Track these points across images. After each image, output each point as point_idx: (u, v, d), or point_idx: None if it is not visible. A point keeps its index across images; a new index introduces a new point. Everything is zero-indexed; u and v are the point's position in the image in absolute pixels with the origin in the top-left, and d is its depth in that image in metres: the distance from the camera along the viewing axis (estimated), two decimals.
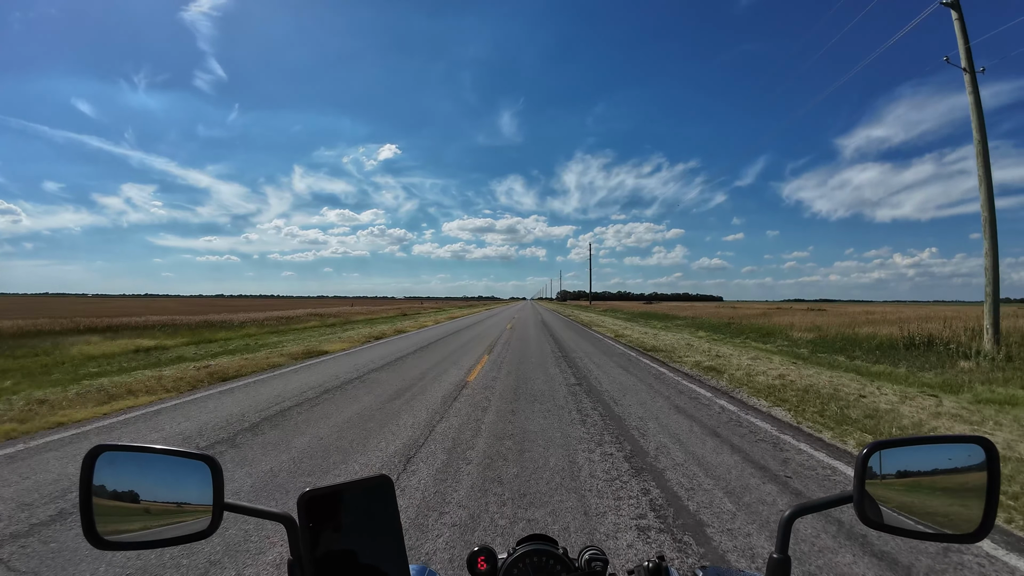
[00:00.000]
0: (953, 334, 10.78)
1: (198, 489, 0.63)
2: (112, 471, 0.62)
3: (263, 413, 5.25)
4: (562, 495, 3.07)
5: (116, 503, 0.62)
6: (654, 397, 6.29)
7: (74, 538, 2.46)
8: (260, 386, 6.98)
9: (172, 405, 5.72)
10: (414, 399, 5.95)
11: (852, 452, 4.02)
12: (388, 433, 4.48)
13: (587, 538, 2.49)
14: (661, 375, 8.29)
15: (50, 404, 5.63)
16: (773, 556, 0.63)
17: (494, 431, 4.54)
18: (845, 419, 4.99)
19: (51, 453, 3.94)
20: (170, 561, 2.25)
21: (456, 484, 3.23)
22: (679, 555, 2.36)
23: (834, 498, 0.63)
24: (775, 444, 4.23)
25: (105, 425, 4.89)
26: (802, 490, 3.21)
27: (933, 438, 0.66)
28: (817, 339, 13.69)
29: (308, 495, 0.58)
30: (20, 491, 3.12)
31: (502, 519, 2.72)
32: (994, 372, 7.93)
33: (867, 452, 0.64)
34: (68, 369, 8.73)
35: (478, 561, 0.72)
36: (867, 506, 0.63)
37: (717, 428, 4.76)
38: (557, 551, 0.74)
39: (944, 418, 5.08)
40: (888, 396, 6.15)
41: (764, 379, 7.49)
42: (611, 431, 4.58)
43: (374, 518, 0.60)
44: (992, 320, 9.50)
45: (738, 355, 10.71)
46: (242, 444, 4.14)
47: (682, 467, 3.62)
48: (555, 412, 5.30)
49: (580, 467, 3.59)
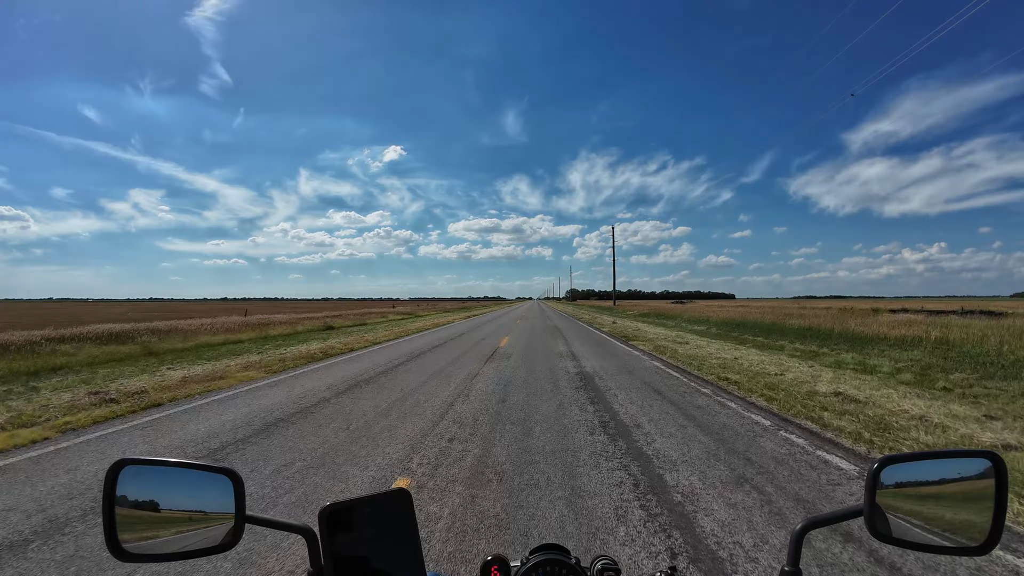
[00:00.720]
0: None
1: (219, 502, 0.64)
2: (135, 484, 0.63)
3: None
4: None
5: (139, 515, 0.63)
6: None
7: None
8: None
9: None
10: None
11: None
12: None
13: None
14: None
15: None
16: (785, 569, 0.64)
17: None
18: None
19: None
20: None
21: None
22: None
23: (845, 511, 0.65)
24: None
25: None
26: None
27: (942, 453, 0.67)
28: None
29: (329, 508, 0.58)
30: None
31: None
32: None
33: (878, 467, 0.65)
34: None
35: (491, 570, 0.72)
36: (877, 519, 0.64)
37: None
38: (570, 560, 0.74)
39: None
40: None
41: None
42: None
43: (393, 531, 0.61)
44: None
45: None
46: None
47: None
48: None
49: None
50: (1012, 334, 10.24)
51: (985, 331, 11.02)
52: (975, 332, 10.93)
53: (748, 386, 7.02)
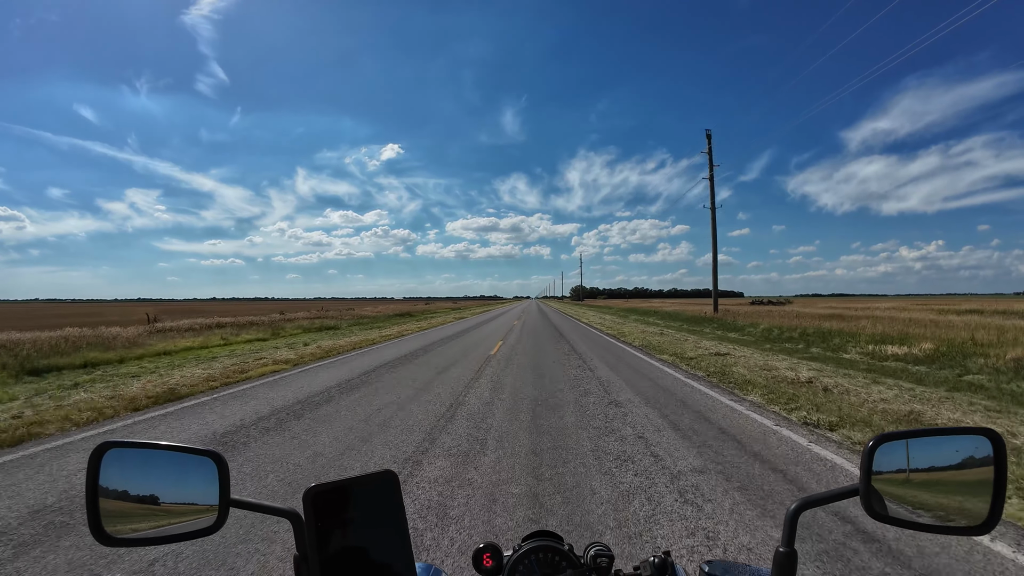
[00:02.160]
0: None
1: (204, 486, 0.63)
2: (119, 468, 0.62)
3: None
4: None
5: (122, 500, 0.62)
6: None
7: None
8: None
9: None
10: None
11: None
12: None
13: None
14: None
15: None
16: (780, 550, 0.63)
17: None
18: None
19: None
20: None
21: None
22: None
23: (840, 491, 0.63)
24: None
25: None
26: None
27: (939, 430, 0.65)
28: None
29: (314, 490, 0.57)
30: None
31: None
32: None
33: (873, 445, 0.63)
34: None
35: (483, 558, 0.71)
36: (873, 499, 0.63)
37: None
38: (563, 547, 0.73)
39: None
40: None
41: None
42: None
43: (380, 513, 0.60)
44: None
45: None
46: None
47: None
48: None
49: None
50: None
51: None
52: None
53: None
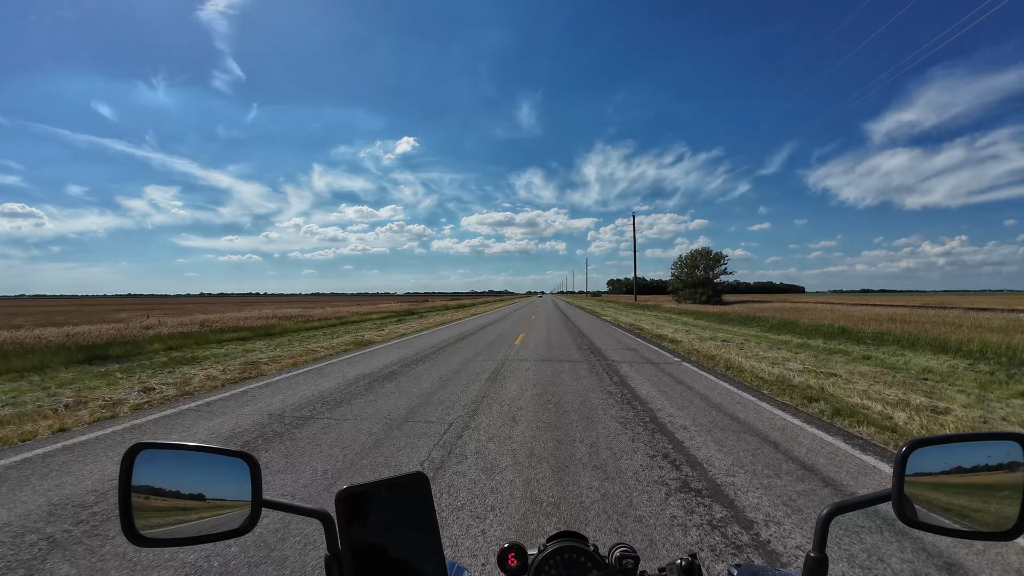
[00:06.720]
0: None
1: (236, 486, 0.63)
2: (151, 469, 0.63)
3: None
4: None
5: (155, 500, 0.63)
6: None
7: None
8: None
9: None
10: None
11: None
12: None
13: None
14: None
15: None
16: (811, 555, 0.63)
17: None
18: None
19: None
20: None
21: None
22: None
23: (872, 496, 0.63)
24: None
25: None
26: None
27: (970, 436, 0.65)
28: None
29: (346, 492, 0.58)
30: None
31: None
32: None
33: (906, 450, 0.63)
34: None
35: (508, 557, 0.72)
36: (904, 504, 0.63)
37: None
38: (588, 548, 0.73)
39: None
40: None
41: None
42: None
43: (411, 515, 0.60)
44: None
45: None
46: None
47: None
48: None
49: None
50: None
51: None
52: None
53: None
